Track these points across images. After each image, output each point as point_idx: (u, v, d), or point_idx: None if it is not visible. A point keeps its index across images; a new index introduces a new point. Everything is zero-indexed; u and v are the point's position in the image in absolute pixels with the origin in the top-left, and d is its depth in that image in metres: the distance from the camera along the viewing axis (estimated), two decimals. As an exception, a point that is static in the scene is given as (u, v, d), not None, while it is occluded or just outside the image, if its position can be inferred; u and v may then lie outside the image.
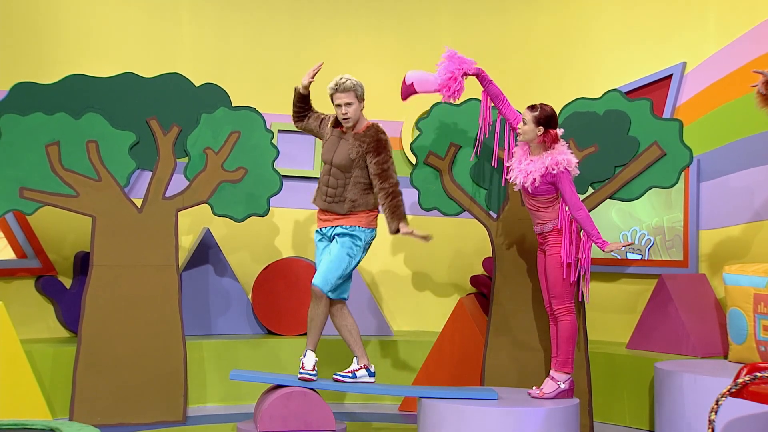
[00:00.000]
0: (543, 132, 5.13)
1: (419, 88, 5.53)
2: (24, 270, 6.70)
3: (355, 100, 5.32)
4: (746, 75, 5.94)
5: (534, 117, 5.15)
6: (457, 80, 5.41)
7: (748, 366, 4.06)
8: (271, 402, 4.97)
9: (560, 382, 5.12)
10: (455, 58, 5.43)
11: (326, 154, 5.41)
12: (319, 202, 5.51)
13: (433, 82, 5.48)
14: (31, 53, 6.99)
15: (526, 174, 5.16)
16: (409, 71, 5.60)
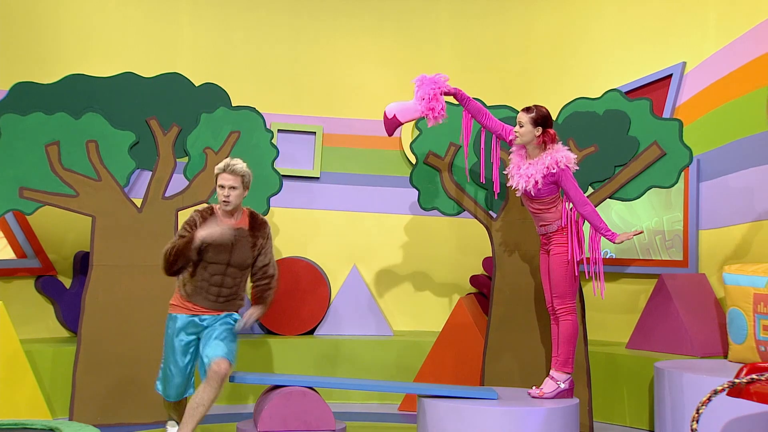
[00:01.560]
0: (542, 132, 5.12)
1: (402, 118, 5.53)
2: (24, 270, 6.70)
3: (240, 186, 4.83)
4: (746, 75, 5.95)
5: (531, 118, 5.13)
6: (438, 100, 5.41)
7: (748, 365, 4.06)
8: (271, 402, 4.96)
9: (560, 381, 5.12)
10: (427, 80, 5.42)
11: (219, 255, 4.83)
12: (204, 302, 4.93)
13: (414, 109, 5.48)
14: (31, 53, 6.99)
15: (528, 177, 5.14)
16: (387, 106, 5.56)
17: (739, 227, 6.07)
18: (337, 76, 8.13)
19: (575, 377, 5.66)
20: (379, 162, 8.03)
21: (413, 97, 5.48)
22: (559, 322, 5.19)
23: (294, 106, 7.94)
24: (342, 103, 8.08)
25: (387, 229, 7.95)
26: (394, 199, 7.96)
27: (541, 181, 5.08)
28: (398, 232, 7.99)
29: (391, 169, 8.02)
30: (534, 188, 5.11)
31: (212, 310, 4.91)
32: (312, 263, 7.42)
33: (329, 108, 8.04)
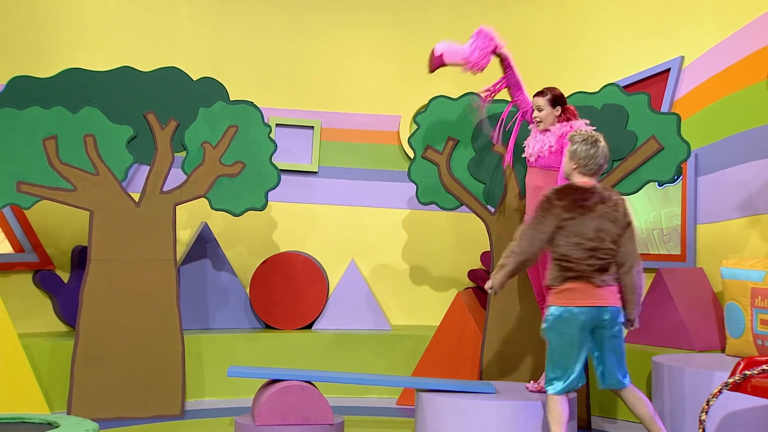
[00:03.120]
0: (561, 111, 5.21)
1: (448, 59, 5.55)
2: (22, 264, 6.70)
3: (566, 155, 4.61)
4: (744, 69, 5.94)
5: (547, 100, 5.24)
6: (487, 57, 5.46)
7: (746, 360, 4.06)
8: (269, 396, 4.97)
9: None
10: (485, 34, 5.46)
11: None
12: None
13: (462, 55, 5.50)
14: (29, 47, 6.98)
15: (543, 141, 5.23)
16: (438, 43, 5.57)
17: (736, 221, 6.08)
18: (335, 71, 8.13)
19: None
20: (378, 156, 8.03)
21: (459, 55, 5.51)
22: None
23: (292, 100, 7.93)
24: (340, 98, 8.08)
25: (385, 223, 7.95)
26: (393, 194, 7.96)
27: (555, 144, 5.11)
28: (396, 226, 7.99)
29: (390, 164, 8.02)
30: (548, 151, 5.15)
31: None
32: (310, 258, 7.42)
33: (327, 102, 8.04)
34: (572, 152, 4.49)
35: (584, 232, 4.33)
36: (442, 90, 6.88)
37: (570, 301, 4.30)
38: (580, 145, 4.47)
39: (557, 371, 4.35)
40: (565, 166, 4.55)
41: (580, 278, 4.30)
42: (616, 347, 4.39)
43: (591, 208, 4.37)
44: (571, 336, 4.31)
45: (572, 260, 4.31)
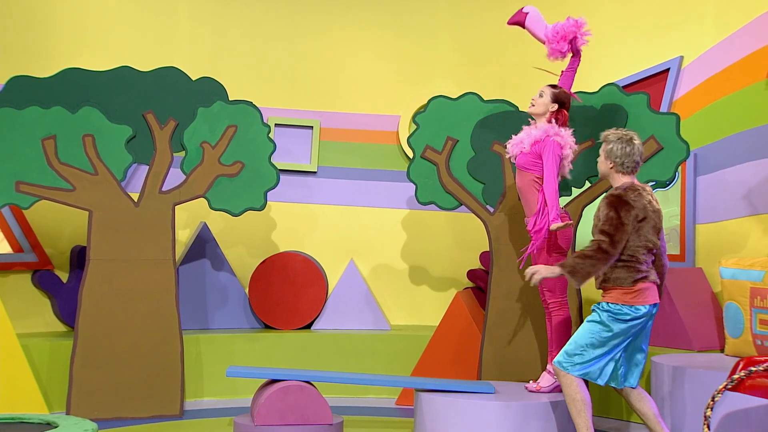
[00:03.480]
0: (556, 110, 5.23)
1: (529, 23, 5.62)
2: (20, 264, 6.70)
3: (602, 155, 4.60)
4: (743, 69, 5.94)
5: (553, 93, 5.29)
6: (566, 44, 5.48)
7: (745, 360, 4.06)
8: (268, 396, 4.96)
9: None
10: (573, 23, 5.48)
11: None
12: None
13: (542, 28, 5.55)
14: (28, 47, 6.97)
15: (519, 141, 5.28)
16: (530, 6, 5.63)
17: (736, 221, 6.07)
18: (334, 70, 8.12)
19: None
20: (377, 156, 8.03)
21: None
22: (552, 317, 5.20)
23: (291, 100, 7.93)
24: (339, 98, 8.07)
25: (384, 223, 7.95)
26: (392, 194, 7.96)
27: (528, 146, 5.13)
28: (395, 226, 7.99)
29: (389, 164, 8.02)
30: (520, 152, 5.20)
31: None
32: (309, 258, 7.42)
33: (326, 102, 8.04)
34: (608, 152, 4.51)
35: (649, 233, 4.41)
36: (441, 90, 6.89)
37: (644, 300, 4.39)
38: (616, 144, 4.49)
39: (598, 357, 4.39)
40: (601, 166, 4.56)
41: (647, 278, 4.41)
42: (647, 343, 4.52)
43: (653, 209, 4.44)
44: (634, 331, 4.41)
45: (640, 261, 4.38)
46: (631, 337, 4.45)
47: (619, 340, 4.42)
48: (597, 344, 4.39)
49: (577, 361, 4.40)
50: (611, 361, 4.44)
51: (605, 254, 4.29)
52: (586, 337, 4.41)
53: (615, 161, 4.50)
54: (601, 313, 4.41)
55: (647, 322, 4.45)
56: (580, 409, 4.44)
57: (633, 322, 4.39)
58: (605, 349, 4.41)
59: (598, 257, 4.29)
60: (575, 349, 4.43)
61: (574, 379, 4.41)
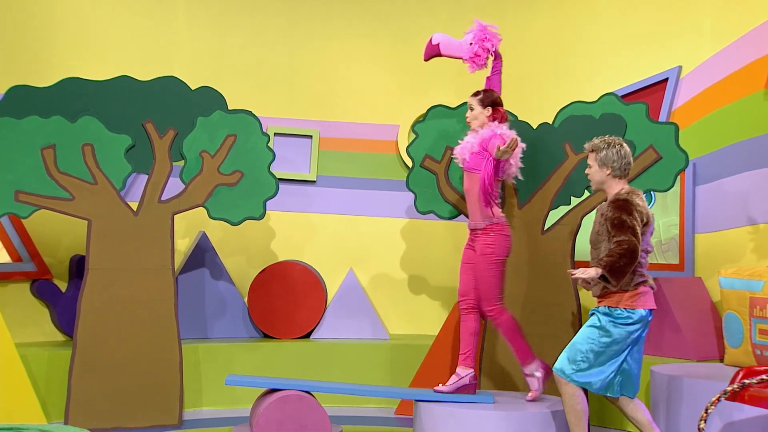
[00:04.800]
0: (492, 111, 5.32)
1: (444, 50, 5.72)
2: (19, 273, 6.69)
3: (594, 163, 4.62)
4: (742, 79, 5.95)
5: (479, 100, 5.37)
6: (485, 50, 5.63)
7: (745, 370, 4.06)
8: (267, 406, 4.95)
9: (534, 372, 5.22)
10: (483, 29, 5.63)
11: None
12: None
13: (458, 48, 5.67)
14: (27, 56, 6.98)
15: (466, 144, 5.34)
16: (435, 33, 5.69)
17: (735, 231, 6.07)
18: (333, 80, 8.14)
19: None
20: (376, 165, 8.03)
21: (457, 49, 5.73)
22: (496, 324, 5.26)
23: (290, 109, 7.94)
24: (338, 107, 8.09)
25: (383, 232, 7.95)
26: (391, 203, 7.96)
27: (477, 146, 5.21)
28: (395, 235, 7.99)
29: (388, 173, 8.03)
30: (469, 155, 5.25)
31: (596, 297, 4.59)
32: (308, 267, 7.42)
33: (326, 111, 8.05)
34: (603, 159, 4.52)
35: (648, 237, 4.47)
36: (440, 99, 6.90)
37: (643, 303, 4.43)
38: (609, 150, 4.52)
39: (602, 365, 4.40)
40: (597, 176, 4.56)
41: (647, 282, 4.46)
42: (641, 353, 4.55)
43: (650, 213, 4.49)
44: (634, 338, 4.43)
45: (641, 264, 4.43)
46: (631, 345, 4.45)
47: (618, 347, 4.42)
48: (597, 350, 4.40)
49: (580, 367, 4.41)
50: (613, 374, 4.44)
51: (634, 254, 4.29)
52: (586, 343, 4.42)
53: (612, 166, 4.51)
54: (600, 317, 4.43)
55: (645, 328, 4.47)
56: (579, 419, 4.46)
57: (632, 327, 4.40)
58: (606, 357, 4.41)
59: (632, 257, 4.28)
60: (575, 355, 4.44)
61: (576, 389, 4.42)
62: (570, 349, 4.48)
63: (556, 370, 4.49)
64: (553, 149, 5.99)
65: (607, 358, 4.43)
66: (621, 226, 4.33)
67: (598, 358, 4.41)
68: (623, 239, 4.29)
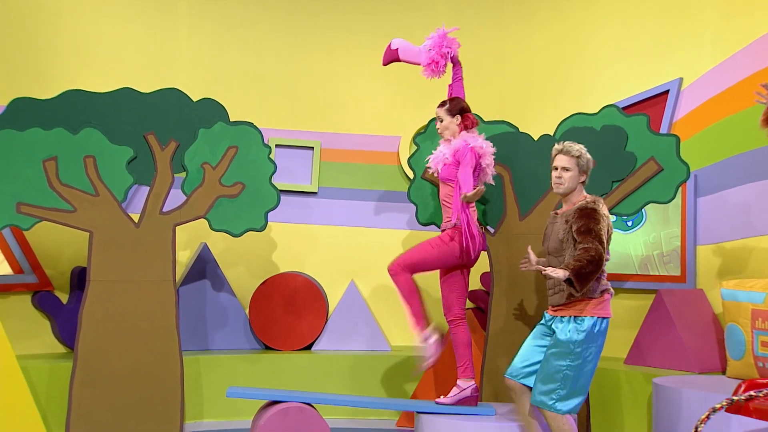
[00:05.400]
0: (461, 119, 5.37)
1: (402, 56, 5.81)
2: (20, 285, 6.69)
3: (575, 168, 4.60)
4: (743, 91, 5.96)
5: (446, 110, 5.43)
6: (444, 57, 5.70)
7: (747, 382, 4.05)
8: (268, 418, 4.94)
9: (464, 388, 5.24)
10: (442, 36, 5.72)
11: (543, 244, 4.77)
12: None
13: (416, 54, 5.74)
14: (30, 68, 7.00)
15: (440, 155, 5.37)
16: (395, 38, 5.74)
17: (736, 243, 6.07)
18: (334, 91, 8.15)
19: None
20: (377, 177, 8.04)
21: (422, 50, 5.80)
22: (450, 333, 5.33)
23: (292, 121, 7.95)
24: (340, 118, 8.10)
25: (385, 244, 7.95)
26: (392, 214, 7.96)
27: (450, 156, 5.22)
28: (396, 247, 7.98)
29: (389, 184, 8.03)
30: (443, 166, 5.30)
31: (551, 306, 4.57)
32: (310, 278, 7.41)
33: (327, 123, 8.06)
34: (583, 166, 4.52)
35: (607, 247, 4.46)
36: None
37: (607, 311, 4.44)
38: (585, 156, 4.55)
39: (581, 387, 4.37)
40: (573, 182, 4.55)
41: (608, 289, 4.48)
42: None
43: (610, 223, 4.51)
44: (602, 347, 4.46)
45: (604, 272, 4.44)
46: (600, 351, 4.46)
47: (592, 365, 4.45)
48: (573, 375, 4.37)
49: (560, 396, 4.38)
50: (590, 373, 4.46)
51: (600, 261, 4.29)
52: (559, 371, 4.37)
53: (587, 174, 4.55)
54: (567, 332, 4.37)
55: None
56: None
57: (601, 339, 4.42)
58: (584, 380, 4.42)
59: (598, 264, 4.27)
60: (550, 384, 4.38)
61: (568, 419, 4.40)
62: (544, 380, 4.41)
63: (535, 402, 4.46)
64: (554, 161, 5.98)
65: (585, 380, 4.43)
66: (588, 233, 4.33)
67: (576, 383, 4.40)
68: (590, 246, 4.28)
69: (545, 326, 4.61)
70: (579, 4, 7.79)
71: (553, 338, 4.47)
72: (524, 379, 4.55)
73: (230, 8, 8.00)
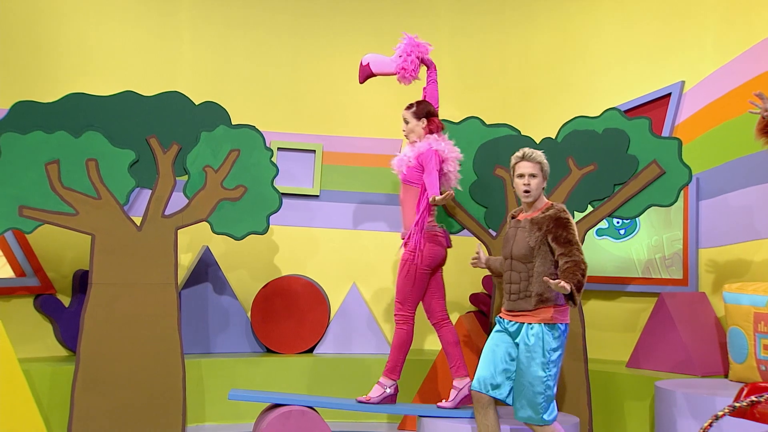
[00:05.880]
0: (427, 122, 5.41)
1: (375, 69, 5.86)
2: (23, 288, 6.69)
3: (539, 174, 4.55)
4: (744, 94, 5.96)
5: (413, 113, 5.46)
6: (413, 62, 5.75)
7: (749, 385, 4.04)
8: (269, 421, 4.94)
9: (386, 387, 5.35)
10: (410, 40, 5.76)
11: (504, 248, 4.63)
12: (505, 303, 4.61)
13: (389, 64, 5.78)
14: (32, 72, 7.01)
15: (404, 157, 5.41)
16: (366, 54, 5.87)
17: (739, 246, 6.07)
18: (336, 95, 8.15)
19: (575, 396, 5.65)
20: (379, 180, 8.03)
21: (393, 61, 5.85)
22: (395, 329, 5.40)
23: (294, 124, 7.95)
24: (342, 122, 8.10)
25: (387, 247, 7.94)
26: (394, 217, 7.96)
27: (413, 159, 5.29)
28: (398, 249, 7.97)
29: (391, 188, 8.02)
30: (406, 168, 5.34)
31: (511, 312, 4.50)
32: (311, 281, 7.41)
33: (329, 126, 8.06)
34: (546, 173, 4.54)
35: None
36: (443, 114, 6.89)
37: (568, 317, 4.44)
38: (546, 161, 4.57)
39: (554, 391, 4.37)
40: (539, 189, 4.53)
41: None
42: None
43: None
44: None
45: None
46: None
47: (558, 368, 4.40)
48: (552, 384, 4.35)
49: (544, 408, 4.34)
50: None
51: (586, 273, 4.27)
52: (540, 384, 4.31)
53: (546, 180, 4.57)
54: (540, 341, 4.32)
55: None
56: None
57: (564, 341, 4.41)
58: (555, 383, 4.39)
59: (585, 276, 4.26)
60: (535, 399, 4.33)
61: (555, 426, 4.38)
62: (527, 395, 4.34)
63: (522, 419, 4.39)
64: (556, 164, 5.98)
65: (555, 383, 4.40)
66: (569, 243, 4.30)
67: (554, 389, 4.38)
68: (578, 259, 4.25)
69: (505, 333, 4.50)
70: (581, 7, 7.80)
71: (524, 347, 4.36)
72: (494, 391, 4.42)
73: (232, 12, 8.01)
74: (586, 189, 5.88)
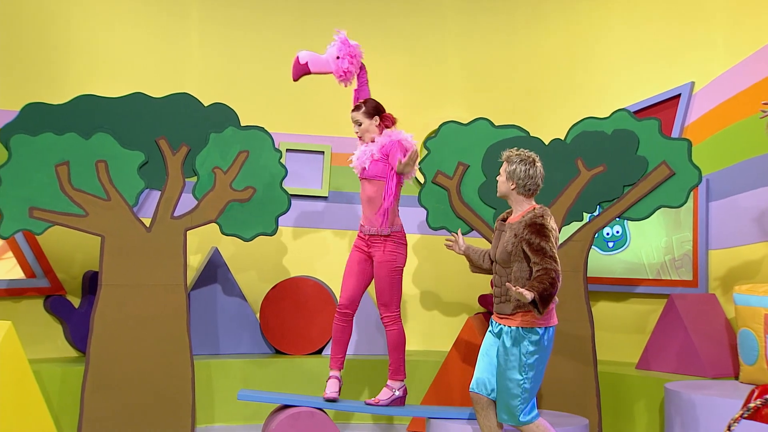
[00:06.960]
0: (380, 119, 5.46)
1: (314, 68, 5.92)
2: (33, 289, 6.72)
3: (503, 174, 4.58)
4: (755, 95, 5.94)
5: (364, 113, 5.50)
6: (353, 64, 5.82)
7: (760, 387, 4.02)
8: (278, 423, 4.95)
9: (395, 389, 5.34)
10: (346, 42, 5.83)
11: (491, 250, 4.68)
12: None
13: (326, 64, 5.83)
14: (42, 74, 7.04)
15: (365, 153, 5.44)
16: (300, 51, 5.90)
17: (749, 247, 6.05)
18: (345, 96, 8.11)
19: (585, 397, 5.64)
20: (388, 181, 8.03)
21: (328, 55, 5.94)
22: (387, 332, 5.37)
23: (302, 125, 7.96)
24: (350, 123, 8.07)
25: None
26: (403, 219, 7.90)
27: (378, 152, 5.33)
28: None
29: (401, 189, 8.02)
30: (370, 163, 5.37)
31: (496, 314, 4.51)
32: (320, 282, 7.41)
33: (338, 127, 8.05)
34: (510, 172, 4.50)
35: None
36: (452, 115, 6.91)
37: (554, 319, 4.39)
38: (519, 165, 4.48)
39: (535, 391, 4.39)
40: (503, 186, 4.53)
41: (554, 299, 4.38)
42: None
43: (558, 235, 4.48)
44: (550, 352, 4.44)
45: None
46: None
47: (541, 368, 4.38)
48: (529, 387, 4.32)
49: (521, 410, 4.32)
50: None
51: (558, 281, 4.22)
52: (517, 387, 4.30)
53: (517, 183, 4.49)
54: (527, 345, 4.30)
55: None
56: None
57: (550, 345, 4.36)
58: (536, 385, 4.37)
59: (557, 285, 4.20)
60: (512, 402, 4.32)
61: (540, 422, 4.37)
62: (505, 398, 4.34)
63: (503, 421, 4.40)
64: (565, 165, 5.98)
65: (537, 383, 4.37)
66: (543, 253, 4.25)
67: (533, 391, 4.35)
68: (549, 267, 4.20)
69: (495, 335, 4.50)
70: (590, 8, 7.78)
71: (503, 350, 4.36)
72: (492, 393, 4.43)
73: (241, 13, 8.02)
74: (596, 190, 5.86)
